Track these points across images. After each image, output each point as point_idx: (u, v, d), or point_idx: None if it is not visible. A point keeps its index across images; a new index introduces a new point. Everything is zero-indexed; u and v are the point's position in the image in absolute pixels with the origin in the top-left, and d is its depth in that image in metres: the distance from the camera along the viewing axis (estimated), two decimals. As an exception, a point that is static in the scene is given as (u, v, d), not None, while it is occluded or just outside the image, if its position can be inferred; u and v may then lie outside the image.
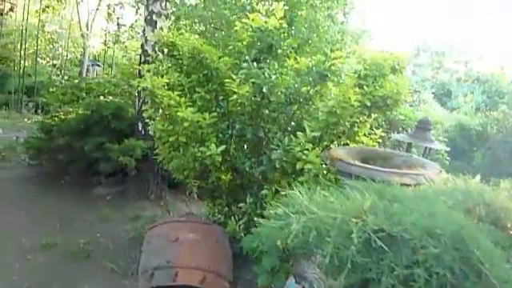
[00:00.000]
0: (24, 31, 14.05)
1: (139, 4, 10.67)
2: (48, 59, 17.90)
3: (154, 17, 5.51)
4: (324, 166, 3.28)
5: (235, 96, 3.37)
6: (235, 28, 4.26)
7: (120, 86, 6.74)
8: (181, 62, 4.43)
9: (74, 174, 6.18)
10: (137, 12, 10.36)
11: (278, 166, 3.27)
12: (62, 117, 6.26)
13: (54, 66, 17.36)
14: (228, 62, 4.17)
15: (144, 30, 5.59)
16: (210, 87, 4.04)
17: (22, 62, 14.02)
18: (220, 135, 3.85)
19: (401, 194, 1.86)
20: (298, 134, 3.38)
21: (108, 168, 5.39)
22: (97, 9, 13.18)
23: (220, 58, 4.12)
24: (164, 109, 3.51)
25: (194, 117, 3.51)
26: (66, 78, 12.56)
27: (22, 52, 14.15)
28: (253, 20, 3.85)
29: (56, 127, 5.66)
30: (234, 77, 3.40)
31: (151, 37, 5.37)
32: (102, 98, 6.08)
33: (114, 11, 11.29)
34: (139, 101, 5.64)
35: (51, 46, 17.83)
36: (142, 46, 5.59)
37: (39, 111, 13.41)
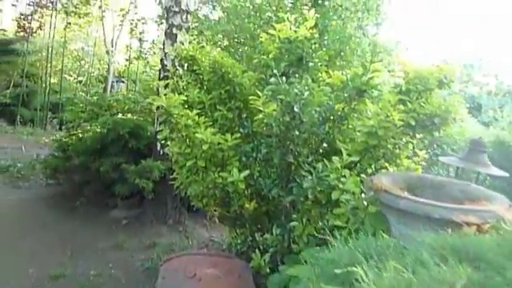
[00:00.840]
0: (51, 49, 14.20)
1: (162, 20, 10.52)
2: (74, 76, 18.11)
3: (174, 30, 5.21)
4: (364, 195, 2.81)
5: (261, 115, 2.96)
6: (260, 40, 3.88)
7: (139, 103, 6.45)
8: (201, 77, 4.09)
9: (89, 195, 5.88)
10: (159, 26, 10.18)
11: (310, 196, 2.81)
12: (80, 135, 6.00)
13: (80, 82, 17.51)
14: (252, 76, 3.78)
15: (164, 44, 5.29)
16: (232, 105, 3.65)
17: (49, 78, 14.15)
18: (243, 158, 3.43)
19: (486, 250, 1.38)
20: (333, 158, 2.92)
21: (124, 190, 5.06)
22: (120, 25, 13.14)
23: (244, 72, 3.74)
24: (181, 130, 3.13)
25: (214, 138, 3.12)
26: (90, 94, 12.51)
27: (49, 69, 14.29)
28: (279, 31, 3.46)
29: (72, 146, 5.38)
30: (260, 93, 2.99)
31: (171, 51, 5.05)
32: (120, 115, 5.78)
33: (136, 26, 11.18)
34: (157, 119, 5.32)
35: (77, 63, 18.06)
36: (162, 60, 5.28)
37: (63, 128, 13.42)
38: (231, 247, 4.23)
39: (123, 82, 16.74)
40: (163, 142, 3.46)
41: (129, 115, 5.90)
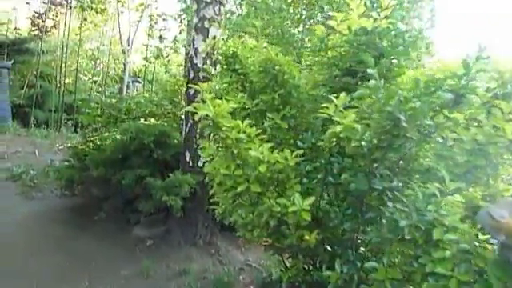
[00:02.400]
0: (65, 48, 13.72)
1: (182, 17, 9.89)
2: (89, 76, 17.65)
3: (206, 24, 4.54)
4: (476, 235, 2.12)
5: (338, 128, 2.26)
6: (316, 33, 3.20)
7: (162, 106, 5.81)
8: (243, 78, 3.42)
9: (109, 209, 5.26)
10: (181, 22, 9.53)
11: (407, 235, 2.11)
12: (98, 142, 5.39)
13: (95, 82, 17.05)
14: (310, 78, 3.09)
15: (193, 40, 4.63)
16: (287, 112, 2.96)
17: (63, 78, 13.67)
18: (304, 180, 2.74)
19: None
20: (430, 185, 2.22)
21: (149, 208, 4.42)
22: (138, 21, 12.53)
23: (300, 72, 3.05)
24: (231, 146, 2.46)
25: (272, 157, 2.44)
26: (106, 94, 11.96)
27: (63, 69, 13.82)
28: (347, 20, 2.77)
29: (90, 156, 4.76)
30: (336, 100, 2.29)
31: (204, 48, 4.40)
32: (142, 120, 5.15)
33: (156, 23, 10.55)
34: (186, 125, 4.66)
35: (92, 63, 17.59)
36: (191, 59, 4.62)
37: (78, 130, 12.92)
38: (278, 281, 3.54)
39: (139, 82, 16.21)
40: (207, 159, 2.78)
41: (152, 120, 5.25)
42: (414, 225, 2.15)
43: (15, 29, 14.50)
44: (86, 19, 13.07)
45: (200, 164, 4.61)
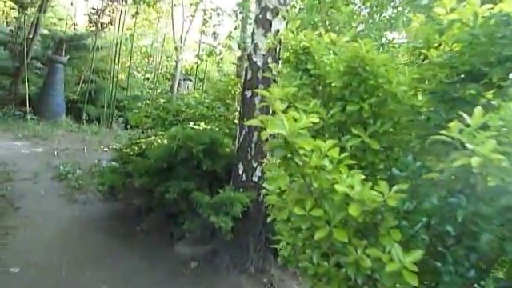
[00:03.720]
0: (119, 44, 13.69)
1: (237, 11, 9.33)
2: (142, 73, 17.69)
3: (269, 15, 3.89)
4: None
5: (474, 160, 1.50)
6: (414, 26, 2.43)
7: (214, 108, 5.24)
8: (316, 81, 2.73)
9: (152, 221, 4.77)
10: (236, 17, 8.97)
11: None
12: (143, 146, 4.91)
13: (147, 79, 17.03)
14: (406, 83, 2.33)
15: (253, 34, 3.99)
16: (378, 128, 2.23)
17: (117, 75, 13.65)
18: (403, 223, 2.00)
19: None
20: None
21: (194, 227, 3.85)
22: (192, 16, 12.11)
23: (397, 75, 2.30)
24: (309, 176, 1.77)
25: (366, 194, 1.73)
26: (156, 94, 11.71)
27: (117, 65, 13.80)
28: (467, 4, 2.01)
29: (133, 163, 4.27)
30: (468, 118, 1.53)
31: (267, 43, 3.75)
32: (191, 124, 4.59)
33: (210, 18, 10.08)
34: (241, 132, 4.04)
35: (145, 60, 17.61)
36: (249, 56, 3.98)
37: (128, 127, 12.82)
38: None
39: (190, 80, 15.96)
40: (275, 189, 2.11)
41: (201, 124, 4.70)
42: None
43: (73, 24, 14.68)
44: (138, 13, 12.85)
45: (255, 178, 3.98)
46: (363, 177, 1.81)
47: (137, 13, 12.43)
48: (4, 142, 8.89)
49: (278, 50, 3.97)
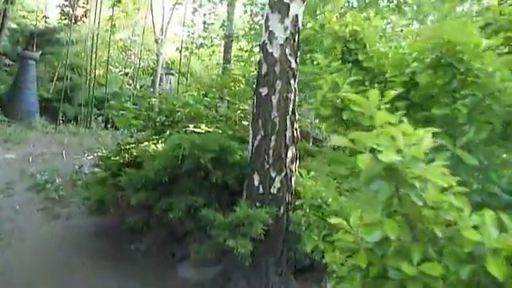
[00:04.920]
0: (96, 38, 12.78)
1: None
2: (120, 68, 16.75)
3: (286, -2, 3.28)
4: None
5: None
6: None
7: (213, 107, 4.61)
8: (370, 76, 2.17)
9: (149, 240, 4.13)
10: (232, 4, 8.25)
11: None
12: (134, 153, 4.25)
13: (126, 74, 16.12)
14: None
15: (266, 21, 3.37)
16: (473, 138, 1.67)
17: (94, 71, 12.75)
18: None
19: None
20: None
21: (204, 250, 3.24)
22: (174, 4, 11.20)
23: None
24: (428, 221, 1.20)
25: (505, 242, 1.18)
26: (138, 90, 10.92)
27: (94, 60, 12.88)
28: None
29: (126, 176, 3.61)
30: None
31: (283, 30, 3.16)
32: (191, 127, 3.97)
33: (200, 6, 9.29)
34: (255, 137, 3.43)
35: (123, 54, 16.67)
36: (263, 46, 3.36)
37: (109, 126, 12.00)
38: None
39: (172, 74, 15.17)
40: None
41: (202, 126, 4.07)
42: None
43: (44, 17, 13.64)
44: (115, 4, 11.93)
45: (273, 190, 3.39)
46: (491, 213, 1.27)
47: (114, 4, 11.53)
48: (-29, 148, 8.02)
49: (296, 39, 3.37)
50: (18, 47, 12.04)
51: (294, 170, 3.51)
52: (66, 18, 13.68)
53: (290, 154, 3.44)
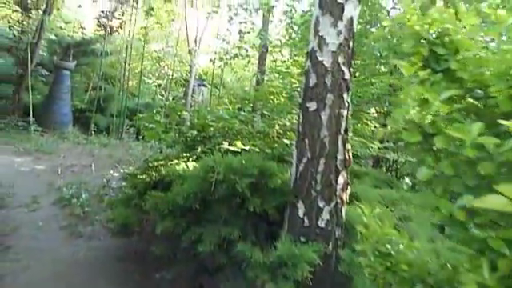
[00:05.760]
0: (130, 49, 12.74)
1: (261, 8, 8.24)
2: (153, 79, 16.73)
3: (340, -3, 2.81)
4: None
5: None
6: None
7: (249, 122, 4.17)
8: (471, 92, 1.65)
9: (176, 270, 3.69)
10: (268, 13, 7.87)
11: None
12: (163, 171, 3.85)
13: (159, 86, 16.06)
14: None
15: (316, 25, 2.90)
16: None
17: (127, 81, 12.68)
18: None
19: None
20: None
21: (239, 291, 2.75)
22: (214, 11, 10.94)
23: None
24: None
25: None
26: (170, 103, 10.67)
27: (127, 71, 12.84)
28: None
29: (152, 200, 3.19)
30: None
31: (336, 36, 2.68)
32: (225, 144, 3.53)
33: (236, 14, 8.93)
34: (300, 159, 2.93)
35: (157, 65, 16.65)
36: (312, 54, 2.89)
37: (140, 137, 11.82)
38: None
39: (205, 86, 14.94)
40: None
41: (237, 143, 3.62)
42: None
43: (81, 27, 13.78)
44: (150, 14, 11.83)
45: (321, 223, 2.87)
46: None
47: (149, 12, 11.40)
48: (3, 158, 7.92)
49: (350, 46, 2.88)
50: (54, 57, 12.14)
51: (344, 199, 2.99)
52: (102, 29, 13.77)
53: (341, 181, 2.92)
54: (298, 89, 4.26)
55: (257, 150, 3.81)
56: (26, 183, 6.58)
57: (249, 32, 8.66)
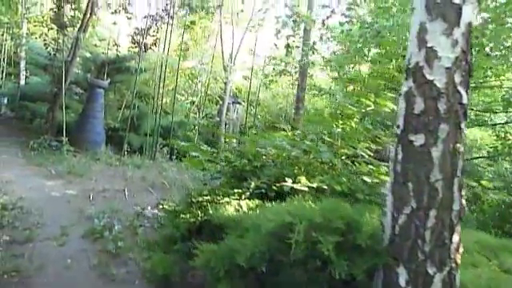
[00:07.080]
0: (164, 66, 12.39)
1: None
2: (186, 96, 16.39)
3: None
4: None
5: None
6: None
7: (316, 152, 3.48)
8: None
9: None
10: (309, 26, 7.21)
11: None
12: (210, 212, 3.21)
13: (193, 103, 15.67)
14: None
15: (420, 32, 2.21)
16: None
17: (161, 99, 12.31)
18: None
19: None
20: None
21: None
22: (260, 24, 10.40)
23: None
24: None
25: None
26: (204, 122, 10.15)
27: (161, 89, 12.48)
28: None
29: (202, 256, 2.53)
30: None
31: (451, 47, 1.99)
32: (289, 182, 2.86)
33: (286, 25, 8.30)
34: (399, 210, 2.22)
35: (190, 82, 16.32)
36: (416, 72, 2.19)
37: (173, 157, 11.36)
38: None
39: (240, 103, 14.42)
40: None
41: (302, 180, 2.95)
42: None
43: (115, 45, 13.60)
44: (189, 27, 11.43)
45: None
46: None
47: (188, 25, 10.97)
48: (34, 182, 7.54)
49: (468, 60, 2.16)
50: (88, 75, 11.95)
51: (459, 261, 2.24)
52: (136, 47, 13.55)
53: (455, 239, 2.18)
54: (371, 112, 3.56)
55: (324, 186, 3.12)
56: (55, 210, 6.10)
57: (298, 46, 8.03)
